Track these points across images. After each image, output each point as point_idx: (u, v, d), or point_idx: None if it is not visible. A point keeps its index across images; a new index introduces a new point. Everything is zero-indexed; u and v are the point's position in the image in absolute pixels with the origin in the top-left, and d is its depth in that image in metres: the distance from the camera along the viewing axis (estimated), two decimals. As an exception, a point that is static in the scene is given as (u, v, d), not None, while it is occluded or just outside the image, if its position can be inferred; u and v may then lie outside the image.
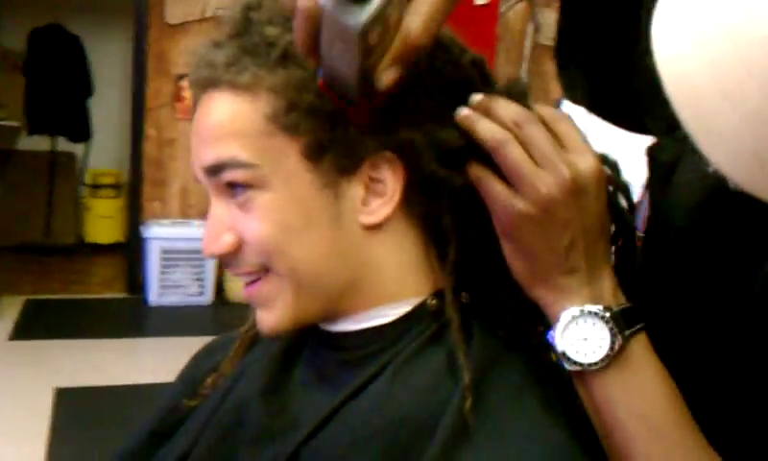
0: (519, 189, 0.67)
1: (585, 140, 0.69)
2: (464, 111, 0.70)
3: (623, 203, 0.74)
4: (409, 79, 0.66)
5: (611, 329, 0.68)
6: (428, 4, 0.62)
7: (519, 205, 0.67)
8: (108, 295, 5.50)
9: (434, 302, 0.74)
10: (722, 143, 0.41)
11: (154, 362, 4.24)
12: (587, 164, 0.67)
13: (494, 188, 0.68)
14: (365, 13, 0.57)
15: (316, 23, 0.60)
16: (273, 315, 0.74)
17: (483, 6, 4.39)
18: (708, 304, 0.74)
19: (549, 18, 4.33)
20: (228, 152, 0.69)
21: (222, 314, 5.12)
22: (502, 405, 0.68)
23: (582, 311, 0.68)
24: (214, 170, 0.71)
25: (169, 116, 5.29)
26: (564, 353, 0.69)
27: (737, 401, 0.71)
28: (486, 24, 4.26)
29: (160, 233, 5.13)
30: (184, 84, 5.17)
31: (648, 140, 0.85)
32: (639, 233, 0.77)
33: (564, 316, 0.69)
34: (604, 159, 0.71)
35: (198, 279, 5.23)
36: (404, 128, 0.70)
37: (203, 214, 5.48)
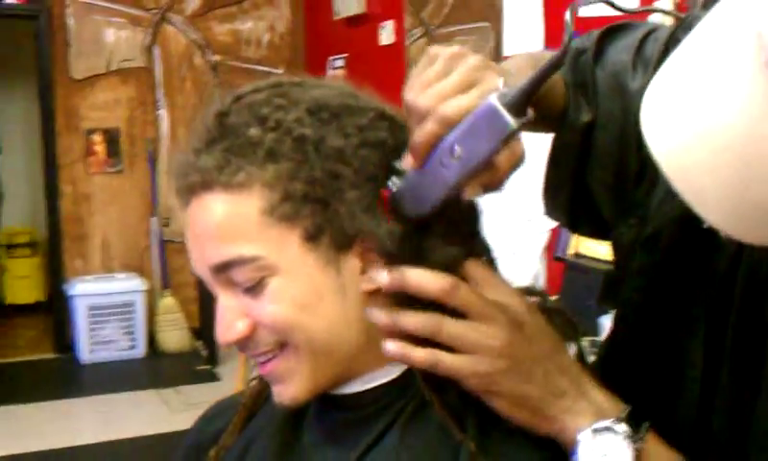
0: (476, 354, 0.71)
1: (502, 278, 0.76)
2: (389, 345, 0.73)
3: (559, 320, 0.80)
4: None
5: (626, 439, 0.71)
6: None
7: (483, 366, 0.71)
8: (36, 356, 5.40)
9: None
10: (711, 208, 0.54)
11: (92, 421, 4.28)
12: (512, 300, 0.74)
13: (454, 364, 0.72)
14: (520, 120, 0.65)
15: (447, 129, 0.67)
16: (292, 388, 0.78)
17: (389, 45, 4.49)
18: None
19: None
20: (232, 251, 0.73)
21: (156, 366, 5.15)
22: (503, 441, 0.75)
23: (595, 429, 0.71)
24: (221, 268, 0.75)
25: (82, 171, 5.28)
26: None
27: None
28: (393, 63, 4.35)
29: (85, 290, 5.14)
30: (95, 138, 5.15)
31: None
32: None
33: (582, 438, 0.71)
34: (528, 290, 0.78)
35: (128, 333, 5.22)
36: None
37: (125, 267, 5.42)
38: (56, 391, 4.67)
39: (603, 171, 0.92)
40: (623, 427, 0.71)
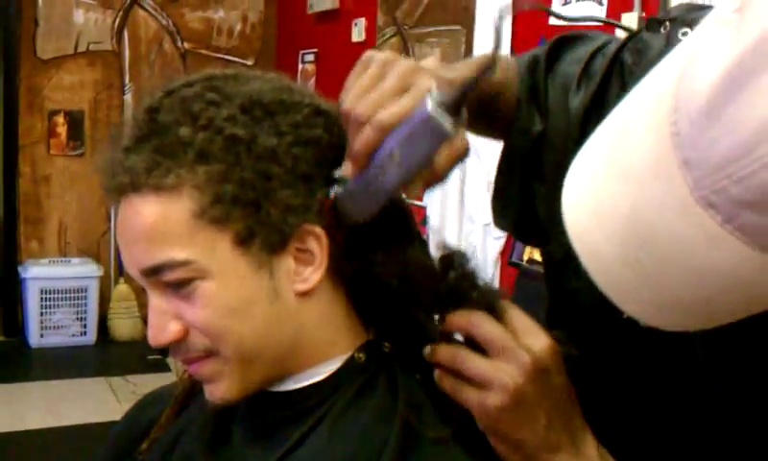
0: (488, 387, 0.72)
1: (534, 323, 0.76)
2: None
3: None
4: None
5: None
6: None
7: (492, 400, 0.72)
8: (-15, 339, 5.28)
9: (361, 355, 0.80)
10: (628, 298, 0.52)
11: (39, 407, 4.17)
12: (541, 345, 0.74)
13: (466, 394, 0.74)
14: (456, 123, 0.67)
15: (385, 136, 0.69)
16: (221, 388, 0.77)
17: (360, 43, 4.48)
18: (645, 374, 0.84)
19: (421, 53, 4.47)
20: (163, 255, 0.72)
21: (106, 353, 5.03)
22: (433, 448, 0.75)
23: None
24: (152, 272, 0.74)
25: (43, 153, 5.16)
26: None
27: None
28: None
29: (38, 273, 4.98)
30: (58, 119, 5.06)
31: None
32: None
33: None
34: (557, 338, 0.77)
35: (80, 319, 5.09)
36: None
37: (82, 252, 5.29)
38: (3, 375, 4.52)
39: (545, 186, 0.91)
40: None
